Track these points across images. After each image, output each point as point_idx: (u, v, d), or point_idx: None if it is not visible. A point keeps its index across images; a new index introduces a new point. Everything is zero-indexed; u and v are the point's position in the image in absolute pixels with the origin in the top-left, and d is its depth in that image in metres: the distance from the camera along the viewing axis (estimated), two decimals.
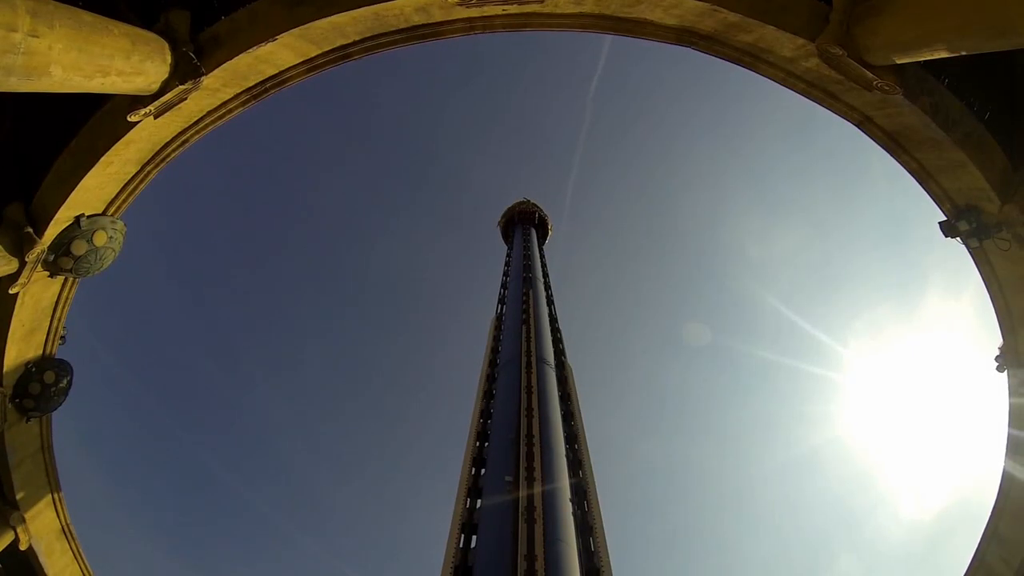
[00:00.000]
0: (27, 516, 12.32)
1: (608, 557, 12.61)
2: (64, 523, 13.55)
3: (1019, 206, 10.56)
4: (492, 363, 18.88)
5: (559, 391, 17.38)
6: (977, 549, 15.12)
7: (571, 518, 12.75)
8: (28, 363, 11.65)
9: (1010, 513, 13.70)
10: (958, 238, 11.82)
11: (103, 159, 10.68)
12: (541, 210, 55.51)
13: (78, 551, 14.15)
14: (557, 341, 19.47)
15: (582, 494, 14.15)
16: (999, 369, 12.87)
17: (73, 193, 10.65)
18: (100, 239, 11.16)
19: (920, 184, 12.00)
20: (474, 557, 12.48)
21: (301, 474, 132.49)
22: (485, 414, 16.74)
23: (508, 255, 44.31)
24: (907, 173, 12.05)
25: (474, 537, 12.95)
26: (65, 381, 11.79)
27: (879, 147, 12.06)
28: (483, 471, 14.69)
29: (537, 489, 11.82)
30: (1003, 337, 12.57)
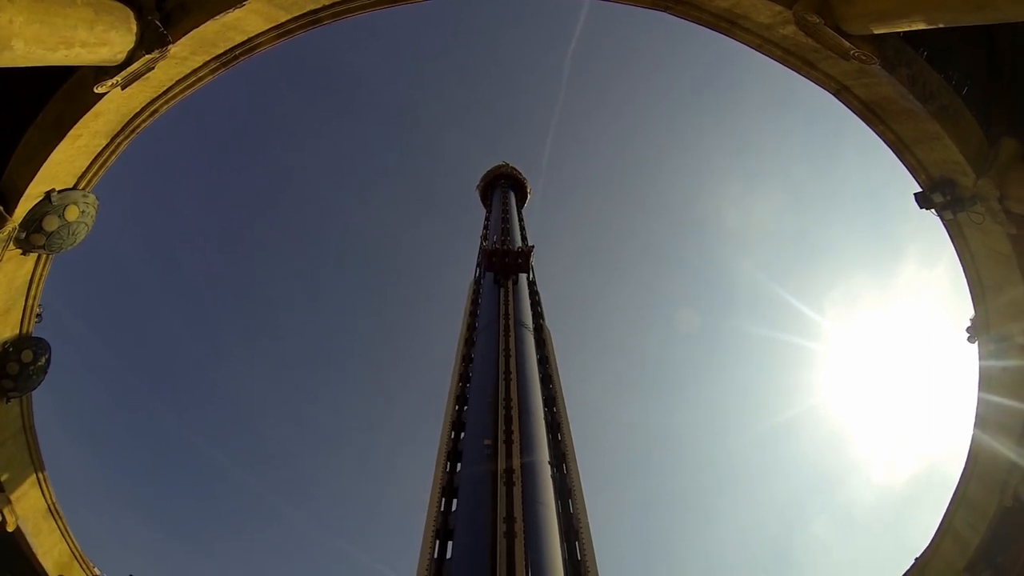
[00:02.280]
0: (12, 497, 12.31)
1: (587, 520, 12.92)
2: (50, 502, 13.58)
3: (993, 181, 10.61)
4: (471, 327, 18.95)
5: (537, 354, 17.55)
6: (945, 514, 15.56)
7: (550, 481, 13.03)
8: (5, 343, 11.55)
9: (977, 479, 14.08)
10: (933, 210, 11.89)
11: (71, 132, 10.46)
12: (519, 173, 55.39)
13: (65, 529, 14.24)
14: (536, 304, 19.47)
15: (560, 457, 14.43)
16: (970, 340, 13.10)
17: (42, 168, 10.46)
18: (72, 214, 11.02)
19: (896, 155, 12.01)
20: (455, 520, 12.80)
21: (283, 445, 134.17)
22: (464, 378, 16.92)
23: (487, 218, 44.35)
24: (884, 144, 12.04)
25: (455, 501, 13.26)
26: (43, 359, 11.72)
27: (856, 117, 12.03)
28: (462, 435, 14.92)
29: (515, 452, 12.03)
30: (974, 308, 12.77)
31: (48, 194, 10.85)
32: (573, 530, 12.80)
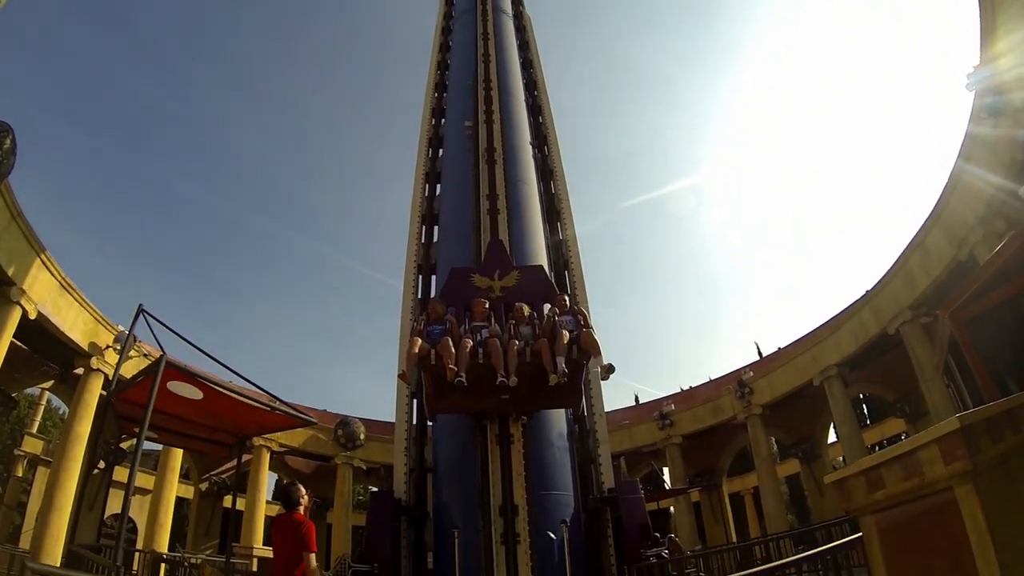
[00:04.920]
0: (25, 287, 12.31)
1: (568, 200, 13.20)
2: (61, 279, 13.61)
3: None
4: (447, 15, 17.29)
5: (517, 39, 16.30)
6: (902, 253, 16.54)
7: (532, 161, 13.04)
8: None
9: (940, 228, 14.69)
10: None
11: None
12: None
13: (83, 300, 14.52)
14: None
15: (542, 139, 14.29)
16: (968, 87, 12.21)
17: None
18: None
19: None
20: (439, 203, 13.03)
21: (274, 178, 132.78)
22: (442, 66, 15.91)
23: None
24: None
25: (438, 186, 13.38)
26: (8, 141, 10.63)
27: None
28: (443, 120, 14.54)
29: (496, 133, 11.78)
30: (981, 37, 11.66)
31: None
32: (555, 210, 13.10)
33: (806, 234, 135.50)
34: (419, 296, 11.72)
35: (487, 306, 8.60)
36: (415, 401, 10.59)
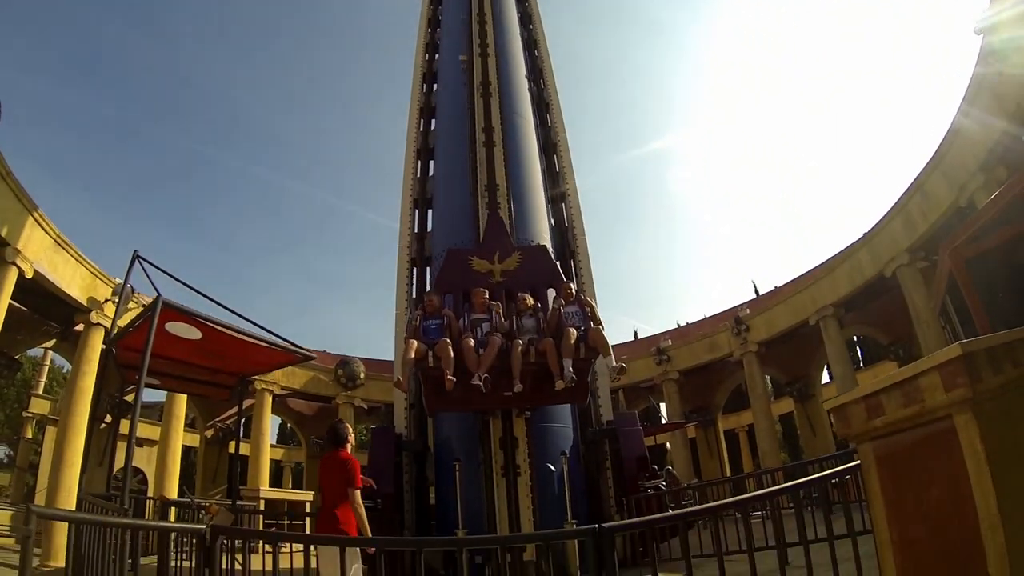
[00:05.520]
0: (19, 247, 12.16)
1: (564, 132, 13.04)
2: (55, 236, 13.43)
3: None
4: None
5: None
6: (902, 196, 16.42)
7: (528, 95, 12.82)
8: None
9: (941, 173, 14.57)
10: None
11: None
12: None
13: (79, 255, 14.35)
14: None
15: (538, 72, 13.97)
16: (976, 32, 11.78)
17: None
18: None
19: None
20: (434, 137, 12.85)
21: (258, 120, 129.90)
22: (435, 1, 15.42)
23: None
24: None
25: (433, 121, 13.15)
26: None
27: None
28: (436, 56, 14.17)
29: (491, 66, 11.47)
30: None
31: None
32: (551, 143, 12.91)
33: (806, 176, 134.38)
34: (415, 231, 11.73)
35: (487, 296, 8.17)
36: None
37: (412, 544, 4.61)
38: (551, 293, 8.65)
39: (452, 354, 7.00)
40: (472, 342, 7.20)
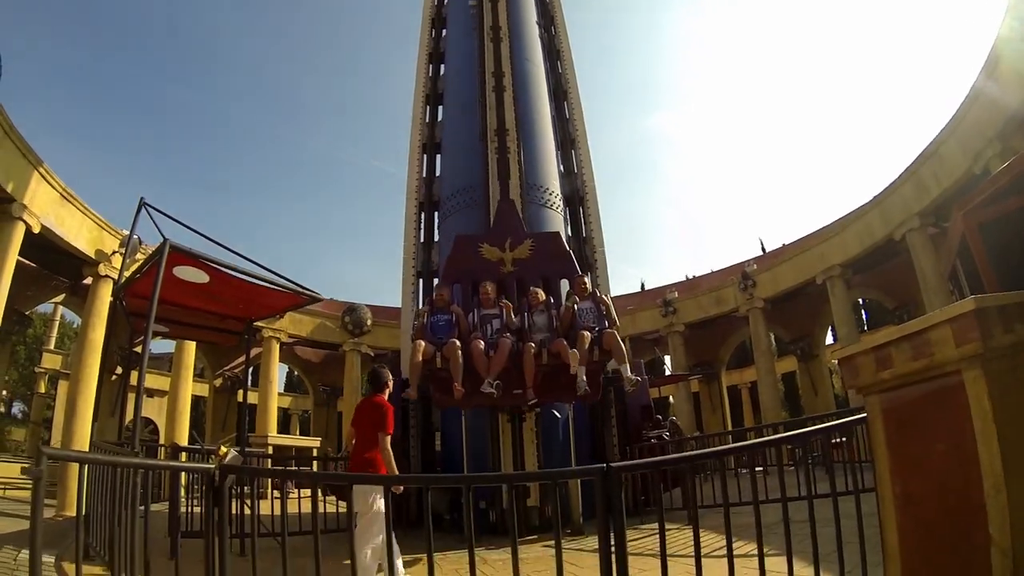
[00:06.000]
0: (25, 201, 12.09)
1: (575, 79, 12.77)
2: (61, 189, 13.32)
3: None
4: None
5: None
6: (913, 161, 16.10)
7: (538, 40, 12.54)
8: None
9: (957, 139, 14.24)
10: None
11: None
12: None
13: (85, 208, 14.24)
14: None
15: (549, 19, 13.60)
16: None
17: None
18: None
19: None
20: (444, 82, 12.62)
21: (265, 72, 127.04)
22: None
23: None
24: None
25: (442, 66, 12.90)
26: None
27: None
28: (445, 1, 13.79)
29: (502, 8, 11.19)
30: None
31: None
32: (562, 90, 12.67)
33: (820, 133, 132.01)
34: (423, 175, 11.63)
35: (495, 290, 7.76)
36: (420, 281, 10.71)
37: (419, 481, 4.67)
38: (564, 284, 8.39)
39: (461, 359, 6.70)
40: (482, 344, 6.88)
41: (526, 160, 10.28)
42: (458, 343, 6.82)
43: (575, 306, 7.29)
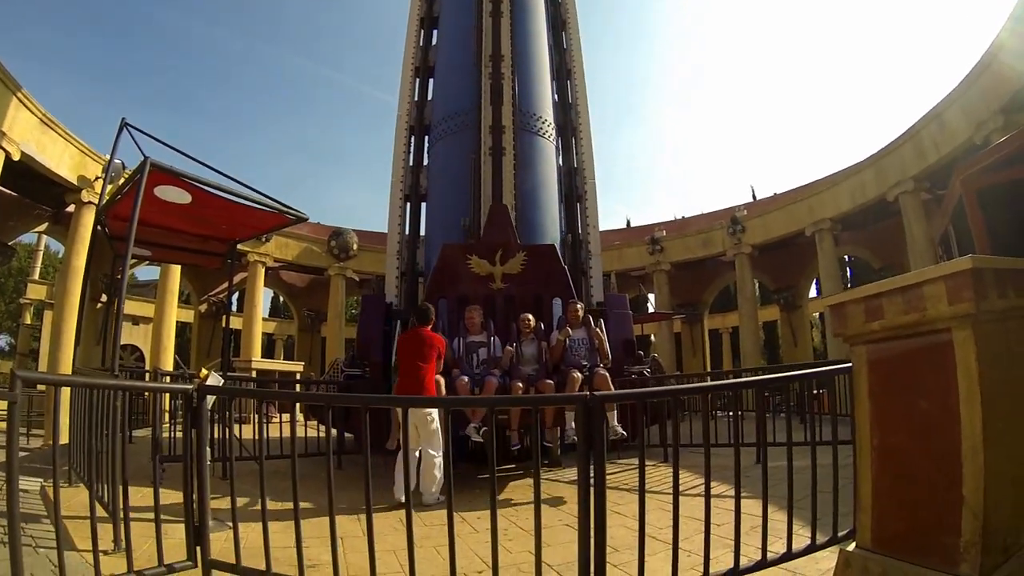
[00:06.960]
0: (4, 128, 11.62)
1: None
2: (41, 115, 12.79)
3: None
4: None
5: None
6: (918, 121, 15.87)
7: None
8: None
9: (960, 107, 14.07)
10: None
11: None
12: None
13: (67, 134, 13.73)
14: None
15: None
16: None
17: None
18: None
19: None
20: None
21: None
22: None
23: None
24: None
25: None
26: None
27: None
28: None
29: None
30: None
31: None
32: (560, 20, 12.15)
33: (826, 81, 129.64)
34: (415, 99, 11.23)
35: (482, 315, 7.16)
36: (408, 205, 10.55)
37: (400, 403, 4.66)
38: (556, 312, 7.82)
39: (444, 388, 6.24)
40: (466, 381, 6.41)
41: (520, 87, 10.00)
42: (442, 380, 6.30)
43: (567, 340, 6.81)
